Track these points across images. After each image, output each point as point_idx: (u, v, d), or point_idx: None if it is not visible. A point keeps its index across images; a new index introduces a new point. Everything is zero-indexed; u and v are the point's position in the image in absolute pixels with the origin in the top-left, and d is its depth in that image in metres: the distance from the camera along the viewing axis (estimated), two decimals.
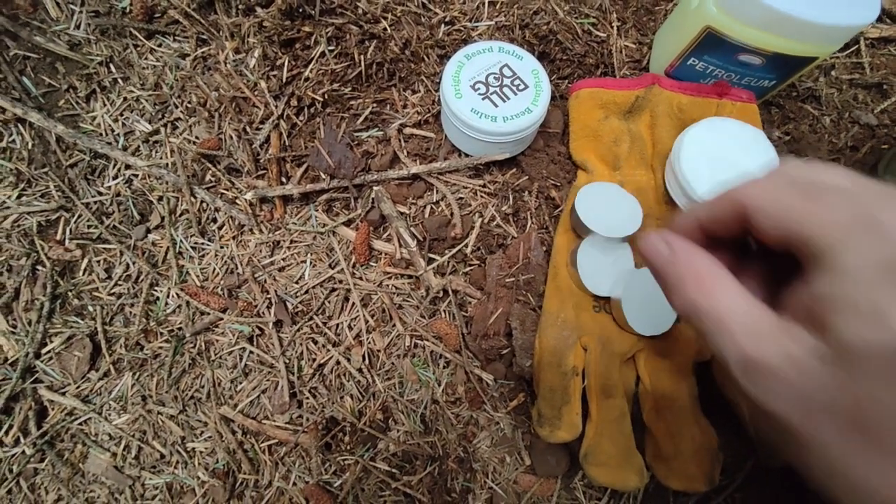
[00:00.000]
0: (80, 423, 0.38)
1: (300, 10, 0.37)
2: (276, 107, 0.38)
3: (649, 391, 0.35)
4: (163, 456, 0.38)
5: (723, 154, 0.35)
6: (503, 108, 0.36)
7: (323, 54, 0.37)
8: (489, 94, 0.37)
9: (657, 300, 0.35)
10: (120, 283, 0.40)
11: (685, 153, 0.35)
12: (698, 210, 0.21)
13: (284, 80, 0.38)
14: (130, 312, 0.39)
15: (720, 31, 0.34)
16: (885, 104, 0.43)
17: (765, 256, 0.21)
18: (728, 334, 0.18)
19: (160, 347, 0.39)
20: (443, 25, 0.41)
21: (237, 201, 0.40)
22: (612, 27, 0.43)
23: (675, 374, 0.35)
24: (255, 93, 0.38)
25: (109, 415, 0.38)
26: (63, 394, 0.38)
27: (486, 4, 0.42)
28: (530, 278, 0.38)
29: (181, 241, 0.40)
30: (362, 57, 0.38)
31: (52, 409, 0.38)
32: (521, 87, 0.37)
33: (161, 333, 0.39)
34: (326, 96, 0.38)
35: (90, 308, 0.39)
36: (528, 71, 0.38)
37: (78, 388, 0.38)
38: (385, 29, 0.38)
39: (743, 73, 0.37)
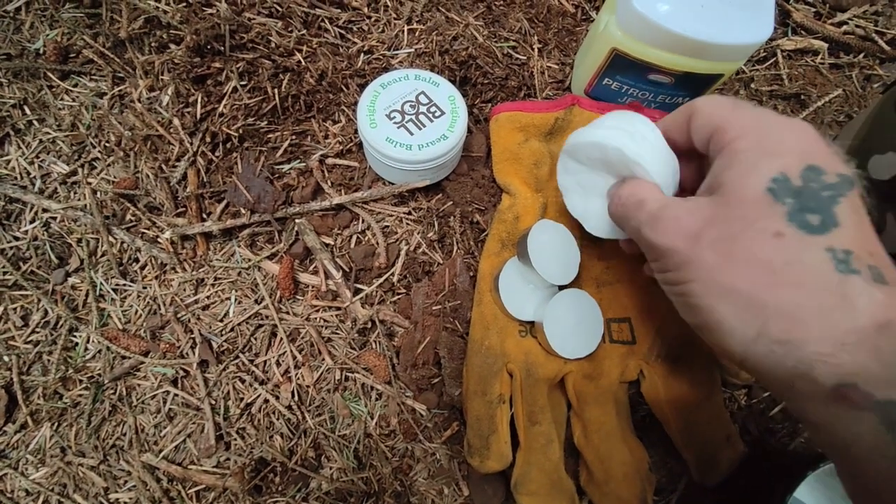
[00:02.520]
0: None
1: (209, 47, 0.36)
2: (192, 143, 0.38)
3: (578, 415, 0.35)
4: None
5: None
6: (418, 136, 0.36)
7: (235, 89, 0.37)
8: (405, 122, 0.37)
9: (580, 323, 0.35)
10: (38, 330, 0.39)
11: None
12: (664, 119, 0.28)
13: (199, 117, 0.37)
14: (48, 360, 0.38)
15: (626, 53, 0.35)
16: (804, 114, 0.43)
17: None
18: (644, 209, 0.25)
19: (79, 395, 0.38)
20: (362, 55, 0.41)
21: (158, 240, 0.39)
22: (532, 49, 0.43)
23: (601, 396, 0.34)
24: (170, 130, 0.38)
25: (26, 469, 0.37)
26: None
27: (406, 32, 0.42)
28: (457, 305, 0.38)
29: (101, 283, 0.39)
30: (276, 90, 0.37)
31: None
32: (438, 113, 0.37)
33: (80, 381, 0.38)
34: (242, 131, 0.37)
35: (6, 358, 0.38)
36: (445, 97, 0.38)
37: None
38: (299, 62, 0.38)
39: (656, 91, 0.38)
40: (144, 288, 0.39)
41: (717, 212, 0.22)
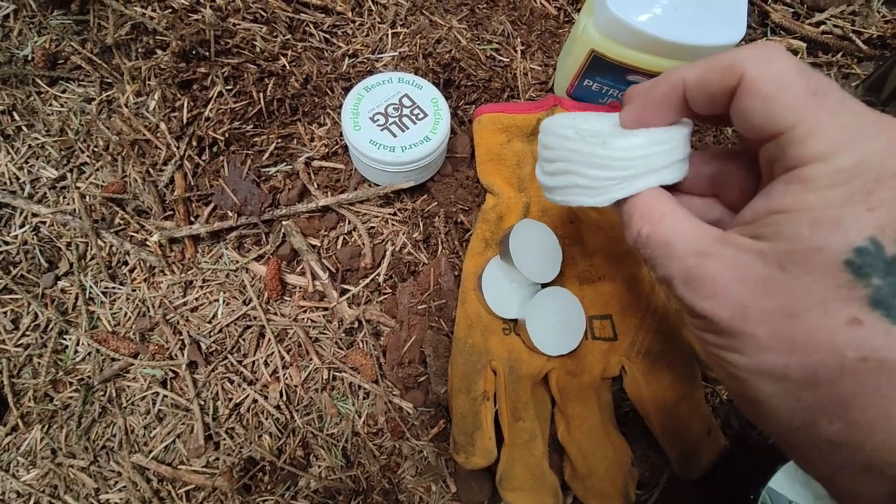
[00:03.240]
0: None
1: (194, 52, 0.37)
2: (178, 148, 0.38)
3: (561, 411, 0.35)
4: None
5: None
6: (402, 138, 0.37)
7: (221, 94, 0.38)
8: (388, 124, 0.37)
9: (563, 320, 0.36)
10: (28, 333, 0.39)
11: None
12: (687, 69, 0.20)
13: (185, 121, 0.38)
14: (38, 363, 0.39)
15: (605, 55, 0.36)
16: None
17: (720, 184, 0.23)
18: (674, 257, 0.19)
19: (69, 398, 0.38)
20: (346, 59, 0.42)
21: (146, 243, 0.40)
22: (515, 51, 0.44)
23: (584, 392, 0.35)
24: (157, 135, 0.38)
25: (18, 471, 0.37)
26: None
27: (390, 36, 0.42)
28: (442, 304, 0.38)
29: (91, 286, 0.40)
30: (261, 94, 0.38)
31: None
32: (421, 115, 0.38)
33: (70, 383, 0.38)
34: (228, 135, 0.38)
35: None
36: (428, 100, 0.38)
37: None
38: (284, 66, 0.39)
39: None
40: (133, 291, 0.40)
41: (774, 276, 0.17)
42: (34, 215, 0.41)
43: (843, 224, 0.16)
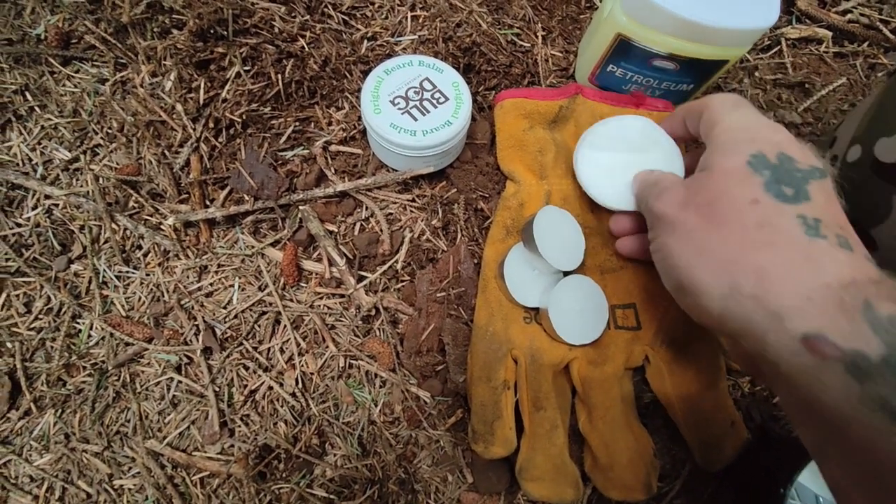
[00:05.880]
0: None
1: (212, 32, 0.36)
2: (195, 129, 0.37)
3: (583, 401, 0.35)
4: (89, 496, 0.36)
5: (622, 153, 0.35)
6: (423, 122, 0.36)
7: (238, 75, 0.37)
8: (409, 108, 0.36)
9: (585, 309, 0.35)
10: (40, 316, 0.39)
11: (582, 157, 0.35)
12: (683, 105, 0.33)
13: (202, 102, 0.37)
14: (51, 347, 0.38)
15: (631, 39, 0.35)
16: (808, 102, 0.43)
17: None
18: (657, 187, 0.30)
19: (83, 382, 0.37)
20: (365, 41, 0.41)
21: (161, 227, 0.39)
22: (536, 37, 0.43)
23: (606, 381, 0.34)
24: (173, 116, 0.38)
25: (31, 455, 0.37)
26: None
27: (409, 19, 0.42)
28: (461, 292, 0.37)
29: (104, 270, 0.39)
30: (279, 76, 0.37)
31: None
32: (442, 99, 0.37)
33: (84, 367, 0.38)
34: (245, 117, 0.37)
35: (9, 345, 0.38)
36: (449, 83, 0.37)
37: None
38: (303, 47, 0.38)
39: (660, 77, 0.37)
40: (147, 275, 0.39)
41: (704, 183, 0.26)
42: (47, 197, 0.40)
43: (741, 148, 0.25)
